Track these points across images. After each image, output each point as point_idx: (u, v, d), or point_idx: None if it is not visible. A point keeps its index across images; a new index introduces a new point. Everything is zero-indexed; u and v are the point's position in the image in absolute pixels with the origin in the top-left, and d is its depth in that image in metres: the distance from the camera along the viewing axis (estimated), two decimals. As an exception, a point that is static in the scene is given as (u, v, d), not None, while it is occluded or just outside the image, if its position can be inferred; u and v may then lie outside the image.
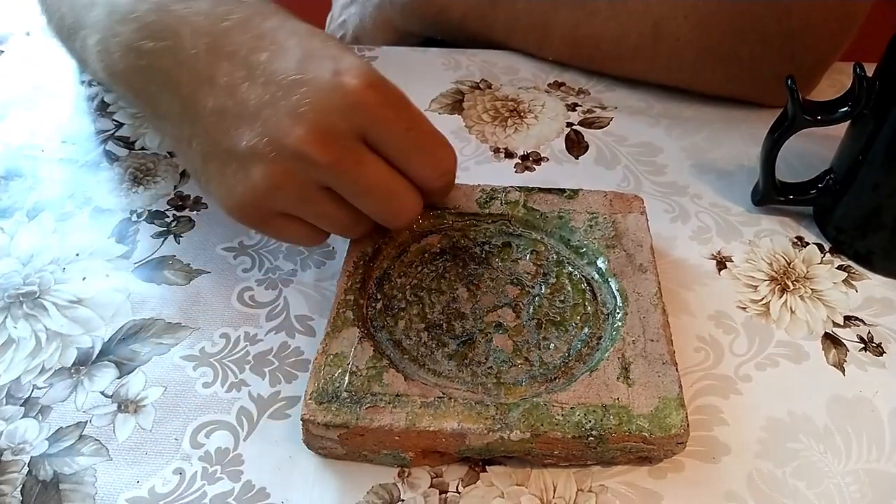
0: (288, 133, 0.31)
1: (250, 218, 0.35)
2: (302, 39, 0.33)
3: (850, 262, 0.44)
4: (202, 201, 0.46)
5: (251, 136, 0.32)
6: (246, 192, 0.33)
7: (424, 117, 0.34)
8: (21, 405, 0.36)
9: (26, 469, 0.34)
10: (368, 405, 0.33)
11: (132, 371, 0.37)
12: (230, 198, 0.34)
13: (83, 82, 0.55)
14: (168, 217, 0.45)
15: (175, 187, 0.47)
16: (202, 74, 0.33)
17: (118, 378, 0.37)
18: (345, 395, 0.33)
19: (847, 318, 0.41)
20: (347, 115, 0.31)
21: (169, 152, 0.48)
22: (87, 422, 0.35)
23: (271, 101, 0.32)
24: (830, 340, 0.40)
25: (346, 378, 0.33)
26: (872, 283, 0.43)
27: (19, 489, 0.33)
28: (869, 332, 0.40)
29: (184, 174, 0.48)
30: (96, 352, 0.38)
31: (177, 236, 0.44)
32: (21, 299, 0.40)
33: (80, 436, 0.35)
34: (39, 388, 0.36)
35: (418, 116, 0.34)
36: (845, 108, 0.41)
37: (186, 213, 0.45)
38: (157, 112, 0.36)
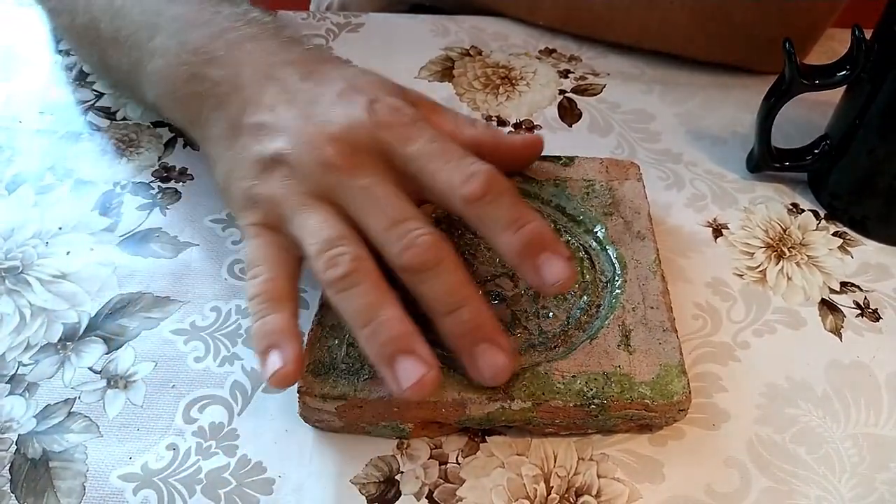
0: (313, 141, 0.33)
1: (245, 205, 0.35)
2: (345, 73, 0.36)
3: (846, 229, 0.43)
4: (188, 172, 0.45)
5: (281, 143, 0.34)
6: (260, 189, 0.34)
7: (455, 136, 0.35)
8: (6, 382, 0.35)
9: (14, 447, 0.33)
10: (366, 376, 0.32)
11: (121, 346, 0.36)
12: (241, 193, 0.35)
13: (60, 51, 0.53)
14: (153, 189, 0.44)
15: (159, 158, 0.46)
16: (251, 98, 0.36)
17: (106, 353, 0.36)
18: (342, 366, 0.32)
19: (843, 284, 0.41)
20: (371, 134, 0.33)
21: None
22: (75, 398, 0.34)
23: (305, 118, 0.34)
24: (827, 306, 0.40)
25: (343, 349, 0.33)
26: (868, 249, 0.42)
27: (8, 467, 0.32)
28: (865, 298, 0.40)
29: (168, 145, 0.46)
30: (83, 327, 0.37)
31: (162, 208, 0.43)
32: (3, 275, 0.39)
33: (69, 412, 0.34)
34: (25, 365, 0.36)
35: (446, 136, 0.34)
36: (843, 72, 0.40)
37: (172, 184, 0.44)
38: (206, 134, 0.37)
